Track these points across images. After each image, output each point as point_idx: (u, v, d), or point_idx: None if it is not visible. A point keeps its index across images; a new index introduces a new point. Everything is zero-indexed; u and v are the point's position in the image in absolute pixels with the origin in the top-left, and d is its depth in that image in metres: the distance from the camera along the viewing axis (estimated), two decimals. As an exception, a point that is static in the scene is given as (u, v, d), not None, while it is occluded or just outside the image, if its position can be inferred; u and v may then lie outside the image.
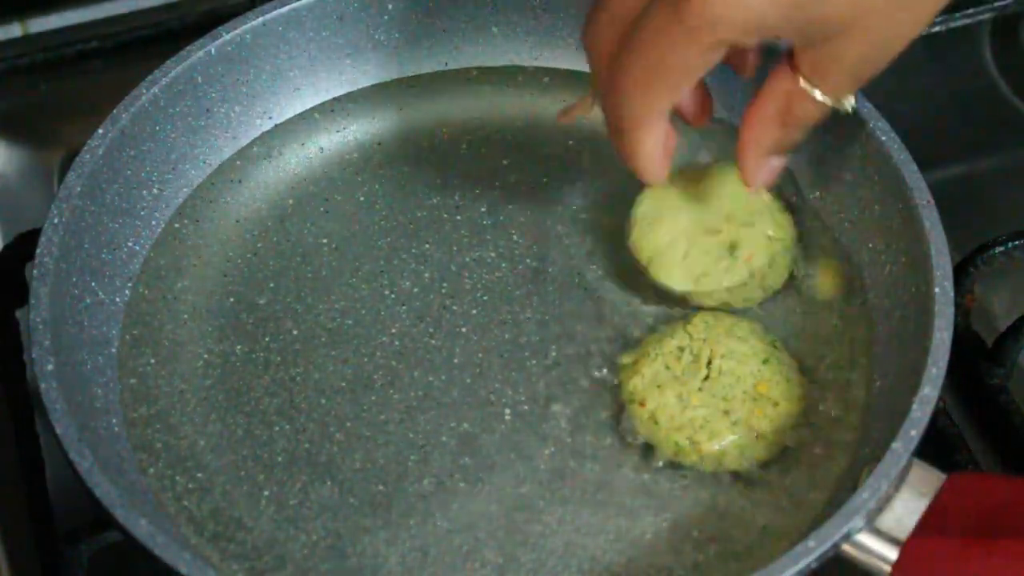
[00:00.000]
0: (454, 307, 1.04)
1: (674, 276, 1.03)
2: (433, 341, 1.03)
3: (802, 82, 0.88)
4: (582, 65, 1.14)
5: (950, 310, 0.94)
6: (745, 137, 0.92)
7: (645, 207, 1.05)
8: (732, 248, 1.03)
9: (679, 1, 0.82)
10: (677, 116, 0.96)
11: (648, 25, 0.85)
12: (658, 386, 0.98)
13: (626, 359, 1.01)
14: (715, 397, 0.97)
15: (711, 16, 0.82)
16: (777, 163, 0.95)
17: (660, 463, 0.97)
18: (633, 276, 1.05)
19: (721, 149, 1.10)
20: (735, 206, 1.04)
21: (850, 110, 0.90)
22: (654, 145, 0.91)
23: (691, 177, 1.05)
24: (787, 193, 1.07)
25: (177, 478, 0.97)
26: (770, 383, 0.98)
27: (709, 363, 0.98)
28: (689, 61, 0.85)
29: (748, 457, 0.96)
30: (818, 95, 0.88)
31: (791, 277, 1.04)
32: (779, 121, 0.90)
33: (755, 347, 0.99)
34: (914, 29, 0.86)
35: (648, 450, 0.98)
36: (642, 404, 0.98)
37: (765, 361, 0.98)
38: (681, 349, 0.99)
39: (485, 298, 1.05)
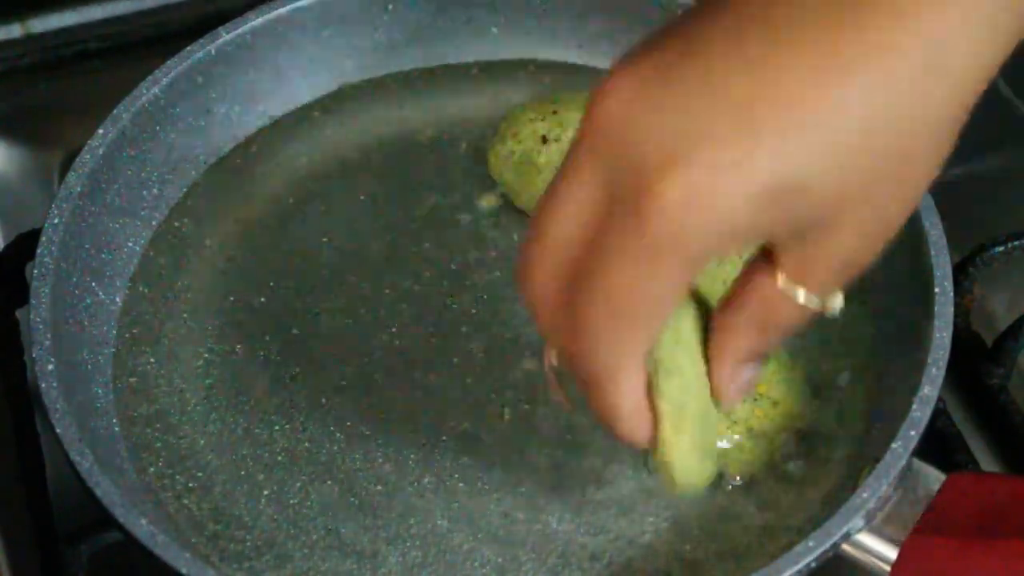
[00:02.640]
0: (454, 306, 1.04)
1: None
2: (433, 340, 1.03)
3: (782, 282, 0.73)
4: (583, 61, 1.15)
5: (950, 310, 0.94)
6: (718, 345, 0.78)
7: None
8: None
9: (638, 213, 0.66)
10: None
11: (605, 252, 0.68)
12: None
13: (626, 359, 1.01)
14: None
15: (679, 229, 0.66)
16: (751, 374, 0.80)
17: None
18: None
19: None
20: None
21: (837, 312, 0.76)
22: (635, 399, 0.75)
23: None
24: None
25: (177, 477, 0.97)
26: (769, 383, 0.98)
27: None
28: (663, 289, 0.69)
29: (748, 457, 0.96)
30: (801, 296, 0.73)
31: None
32: (757, 327, 0.76)
33: (755, 347, 0.99)
34: (907, 209, 0.73)
35: (648, 449, 0.97)
36: (642, 404, 0.98)
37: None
38: (681, 349, 0.99)
39: (485, 297, 1.05)
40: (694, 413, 0.78)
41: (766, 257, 0.73)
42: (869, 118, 0.68)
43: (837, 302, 0.75)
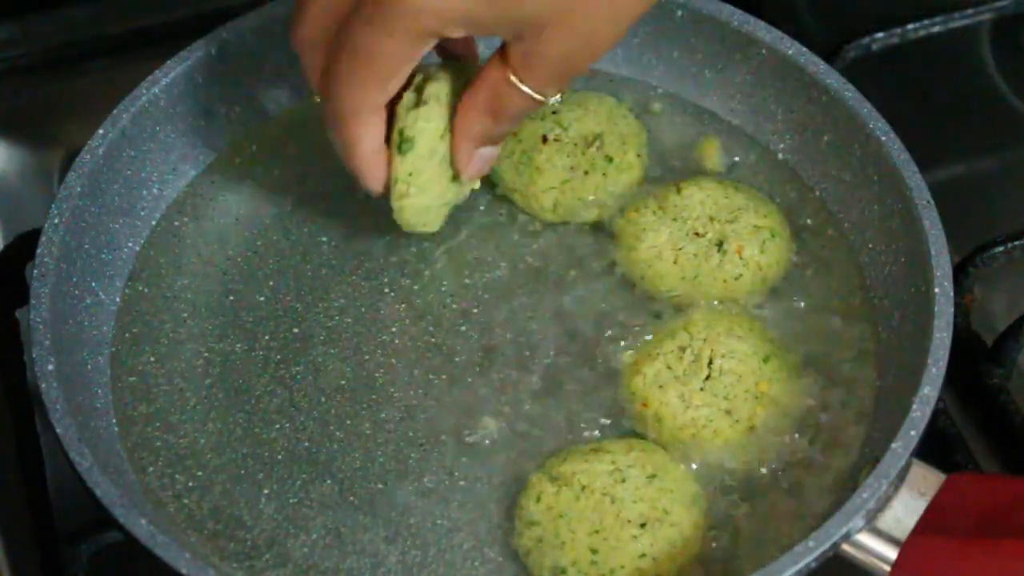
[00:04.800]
0: (454, 305, 1.04)
1: (668, 284, 1.03)
2: (433, 340, 1.03)
3: (511, 75, 0.90)
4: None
5: (950, 310, 0.94)
6: (456, 127, 0.95)
7: (624, 228, 1.05)
8: (720, 245, 1.03)
9: None
10: None
11: (356, 16, 0.87)
12: (660, 386, 0.98)
13: (627, 359, 1.01)
14: (717, 397, 0.97)
15: (412, 6, 0.85)
16: (489, 153, 0.97)
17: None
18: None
19: (724, 145, 1.11)
20: (715, 207, 1.05)
21: (554, 103, 0.95)
22: (371, 142, 0.94)
23: (664, 193, 1.06)
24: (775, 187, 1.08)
25: (177, 476, 0.97)
26: (771, 381, 0.98)
27: (710, 363, 0.98)
28: (395, 51, 0.88)
29: (751, 456, 0.96)
30: (525, 88, 0.90)
31: (792, 268, 1.05)
32: (489, 112, 0.93)
33: (756, 346, 0.99)
34: (616, 29, 0.89)
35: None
36: (645, 404, 0.98)
37: (766, 360, 0.98)
38: (682, 349, 0.99)
39: (486, 296, 1.04)
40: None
41: (501, 54, 0.90)
42: None
43: (554, 97, 0.92)
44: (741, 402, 0.97)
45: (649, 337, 1.02)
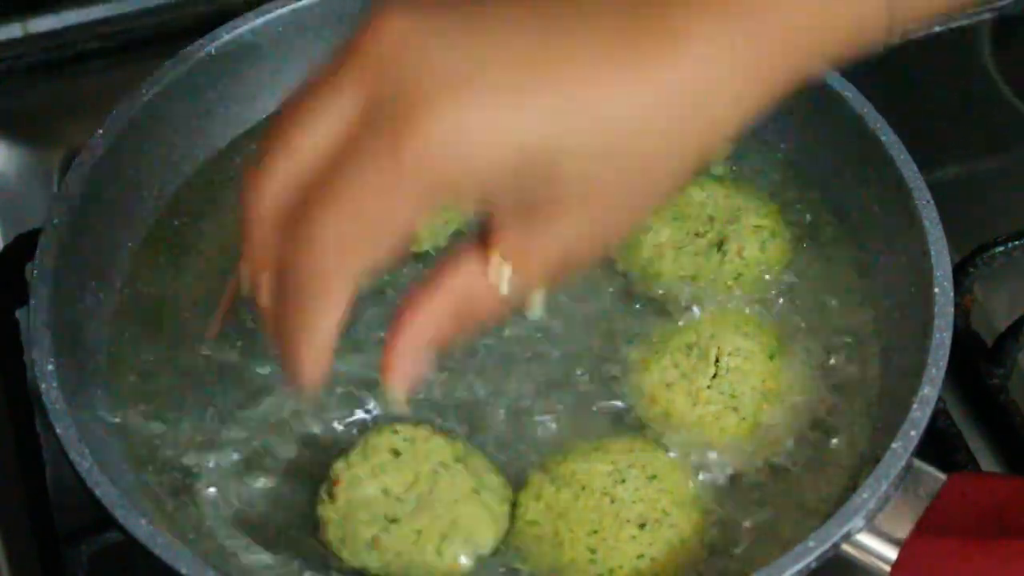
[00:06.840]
0: (454, 305, 1.04)
1: (667, 283, 1.03)
2: (433, 340, 1.03)
3: (493, 264, 0.72)
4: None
5: (950, 310, 0.94)
6: (403, 321, 0.74)
7: None
8: (720, 245, 1.03)
9: (397, 138, 0.65)
10: None
11: (352, 167, 0.66)
12: (667, 384, 0.98)
13: (633, 356, 1.01)
14: (724, 394, 0.97)
15: (432, 163, 0.65)
16: (429, 355, 0.75)
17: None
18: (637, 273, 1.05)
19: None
20: (715, 207, 1.05)
21: (537, 316, 0.76)
22: (331, 325, 0.72)
23: None
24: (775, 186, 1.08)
25: (177, 476, 0.97)
26: (778, 379, 0.98)
27: (717, 360, 0.98)
28: (398, 212, 0.67)
29: (754, 454, 0.96)
30: (505, 287, 0.72)
31: (792, 268, 1.05)
32: (453, 314, 0.73)
33: (762, 343, 0.99)
34: (623, 226, 0.73)
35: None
36: (652, 402, 0.98)
37: (772, 357, 0.98)
38: (689, 347, 0.99)
39: (485, 296, 1.04)
40: None
41: (481, 242, 0.72)
42: (639, 119, 0.69)
43: (537, 304, 0.75)
44: (748, 399, 0.97)
45: (650, 336, 1.02)
